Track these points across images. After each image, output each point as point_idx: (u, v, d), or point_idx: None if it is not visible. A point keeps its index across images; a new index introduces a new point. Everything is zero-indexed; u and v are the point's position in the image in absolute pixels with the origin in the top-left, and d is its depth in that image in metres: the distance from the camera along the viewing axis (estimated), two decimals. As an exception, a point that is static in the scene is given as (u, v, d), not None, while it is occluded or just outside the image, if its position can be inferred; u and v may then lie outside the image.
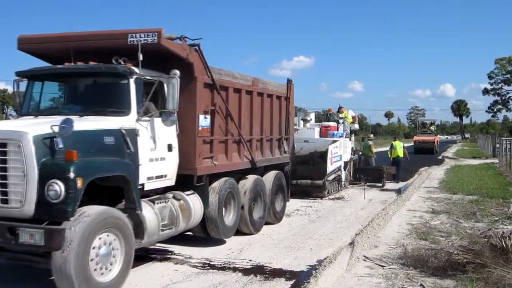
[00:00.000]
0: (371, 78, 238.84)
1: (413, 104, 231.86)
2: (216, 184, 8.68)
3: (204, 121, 8.17)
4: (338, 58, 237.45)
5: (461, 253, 7.09)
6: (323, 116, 20.30)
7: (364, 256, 7.70)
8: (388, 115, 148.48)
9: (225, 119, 8.97)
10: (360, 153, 20.77)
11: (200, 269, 7.51)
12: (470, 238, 8.18)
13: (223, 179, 8.85)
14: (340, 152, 16.68)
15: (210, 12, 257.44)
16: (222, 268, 7.54)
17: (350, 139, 18.76)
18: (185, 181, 7.99)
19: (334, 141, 16.35)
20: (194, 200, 8.02)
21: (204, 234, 8.78)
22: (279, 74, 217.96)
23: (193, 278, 7.08)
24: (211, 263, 7.82)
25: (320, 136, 16.93)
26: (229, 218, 9.08)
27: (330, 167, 15.57)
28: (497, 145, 32.79)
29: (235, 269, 7.48)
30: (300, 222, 11.57)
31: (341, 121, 18.85)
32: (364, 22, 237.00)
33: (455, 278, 6.50)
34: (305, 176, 15.12)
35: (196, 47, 7.99)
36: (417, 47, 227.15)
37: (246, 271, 7.38)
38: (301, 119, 17.61)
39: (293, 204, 13.85)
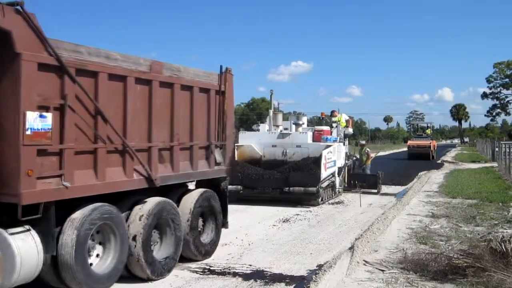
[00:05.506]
0: (369, 83, 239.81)
1: (412, 109, 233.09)
2: (77, 215, 5.94)
3: (39, 121, 5.50)
4: (337, 63, 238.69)
5: (461, 257, 7.11)
6: (320, 121, 19.94)
7: (364, 261, 7.71)
8: (387, 119, 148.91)
9: (92, 118, 6.24)
10: (355, 158, 20.56)
11: (200, 274, 7.49)
12: (470, 242, 8.20)
13: (90, 206, 6.08)
14: (334, 158, 16.15)
15: (208, 15, 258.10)
16: (222, 273, 7.52)
17: (344, 144, 18.28)
18: (14, 212, 5.34)
19: (328, 146, 15.75)
20: (24, 243, 5.37)
21: (62, 285, 5.98)
22: (277, 79, 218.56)
23: (193, 283, 7.07)
24: (211, 268, 7.80)
25: (313, 140, 16.36)
26: (105, 262, 6.37)
27: (324, 173, 14.95)
28: (496, 149, 32.91)
29: (235, 274, 7.47)
30: (300, 227, 11.56)
31: (334, 125, 18.36)
32: (362, 27, 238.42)
33: (455, 282, 6.52)
34: (298, 183, 14.41)
35: (19, 7, 5.28)
36: (415, 52, 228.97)
37: (246, 276, 7.37)
38: (293, 123, 17.22)
39: (293, 209, 13.94)
